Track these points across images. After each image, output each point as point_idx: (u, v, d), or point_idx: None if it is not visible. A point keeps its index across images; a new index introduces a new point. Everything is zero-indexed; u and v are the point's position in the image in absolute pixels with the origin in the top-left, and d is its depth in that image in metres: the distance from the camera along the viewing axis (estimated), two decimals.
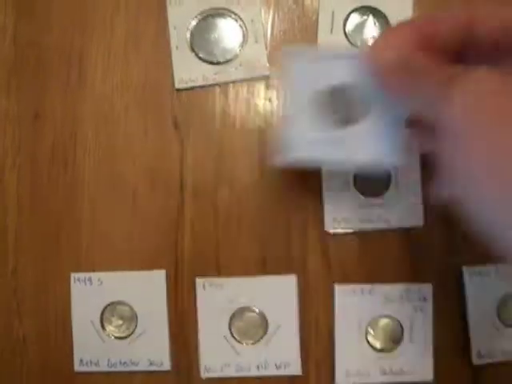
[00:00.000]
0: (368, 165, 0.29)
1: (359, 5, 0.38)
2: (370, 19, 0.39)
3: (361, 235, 0.37)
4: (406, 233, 0.37)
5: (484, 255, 0.29)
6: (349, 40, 0.38)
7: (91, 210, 0.38)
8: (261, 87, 0.38)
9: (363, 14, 0.39)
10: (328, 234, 0.37)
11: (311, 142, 0.29)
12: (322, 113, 0.29)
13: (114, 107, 0.38)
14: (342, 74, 0.29)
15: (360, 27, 0.38)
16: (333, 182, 0.36)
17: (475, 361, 0.37)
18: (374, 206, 0.36)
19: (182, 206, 0.38)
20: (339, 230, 0.36)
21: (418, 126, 0.28)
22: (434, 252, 0.37)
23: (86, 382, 0.38)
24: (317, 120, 0.29)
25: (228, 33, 0.38)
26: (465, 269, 0.37)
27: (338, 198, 0.35)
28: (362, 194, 0.35)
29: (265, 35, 0.38)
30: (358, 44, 0.38)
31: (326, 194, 0.36)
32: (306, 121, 0.29)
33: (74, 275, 0.38)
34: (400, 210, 0.35)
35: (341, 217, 0.36)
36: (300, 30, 0.39)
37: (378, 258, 0.37)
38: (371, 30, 0.38)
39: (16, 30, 0.39)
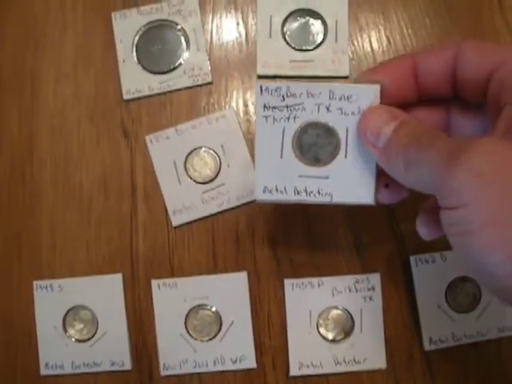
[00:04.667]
0: (344, 204, 0.29)
1: (295, 8, 0.40)
2: (308, 21, 0.40)
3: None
4: (351, 221, 0.38)
5: (429, 243, 0.30)
6: (288, 43, 0.40)
7: (50, 220, 0.40)
8: (203, 93, 0.40)
9: (300, 17, 0.40)
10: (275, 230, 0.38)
11: (287, 179, 0.29)
12: (294, 151, 0.29)
13: (66, 120, 0.40)
14: (312, 111, 0.28)
15: (298, 30, 0.40)
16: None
17: (427, 347, 0.37)
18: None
19: (134, 210, 0.39)
20: None
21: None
22: (381, 242, 0.38)
23: None
24: (290, 159, 0.29)
25: (171, 43, 0.40)
26: (412, 257, 0.38)
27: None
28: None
29: (206, 43, 0.40)
30: (297, 47, 0.40)
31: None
32: (279, 158, 0.29)
33: (36, 283, 0.39)
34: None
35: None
36: (240, 36, 0.40)
37: (327, 251, 0.38)
38: (309, 32, 0.40)
39: None
